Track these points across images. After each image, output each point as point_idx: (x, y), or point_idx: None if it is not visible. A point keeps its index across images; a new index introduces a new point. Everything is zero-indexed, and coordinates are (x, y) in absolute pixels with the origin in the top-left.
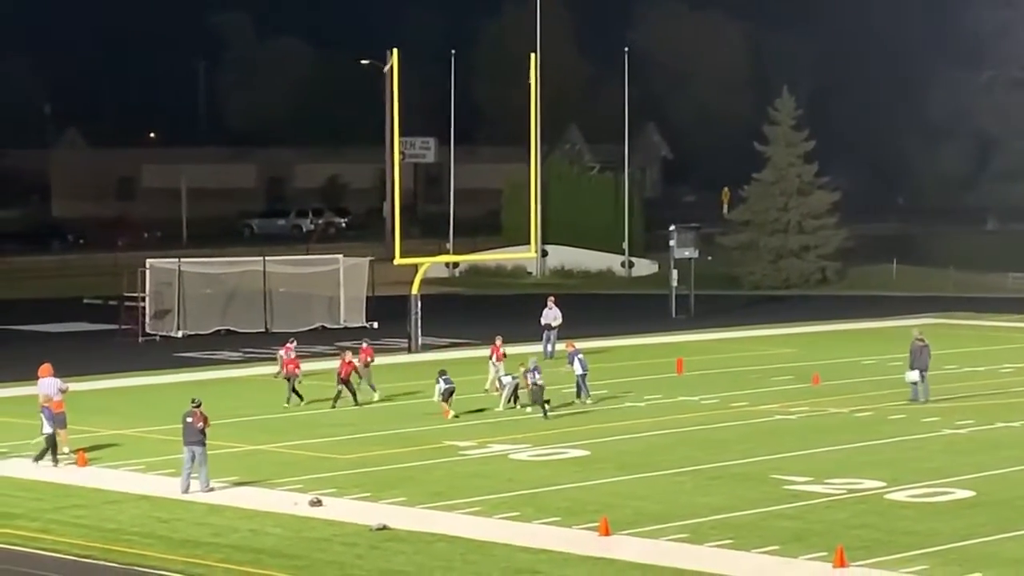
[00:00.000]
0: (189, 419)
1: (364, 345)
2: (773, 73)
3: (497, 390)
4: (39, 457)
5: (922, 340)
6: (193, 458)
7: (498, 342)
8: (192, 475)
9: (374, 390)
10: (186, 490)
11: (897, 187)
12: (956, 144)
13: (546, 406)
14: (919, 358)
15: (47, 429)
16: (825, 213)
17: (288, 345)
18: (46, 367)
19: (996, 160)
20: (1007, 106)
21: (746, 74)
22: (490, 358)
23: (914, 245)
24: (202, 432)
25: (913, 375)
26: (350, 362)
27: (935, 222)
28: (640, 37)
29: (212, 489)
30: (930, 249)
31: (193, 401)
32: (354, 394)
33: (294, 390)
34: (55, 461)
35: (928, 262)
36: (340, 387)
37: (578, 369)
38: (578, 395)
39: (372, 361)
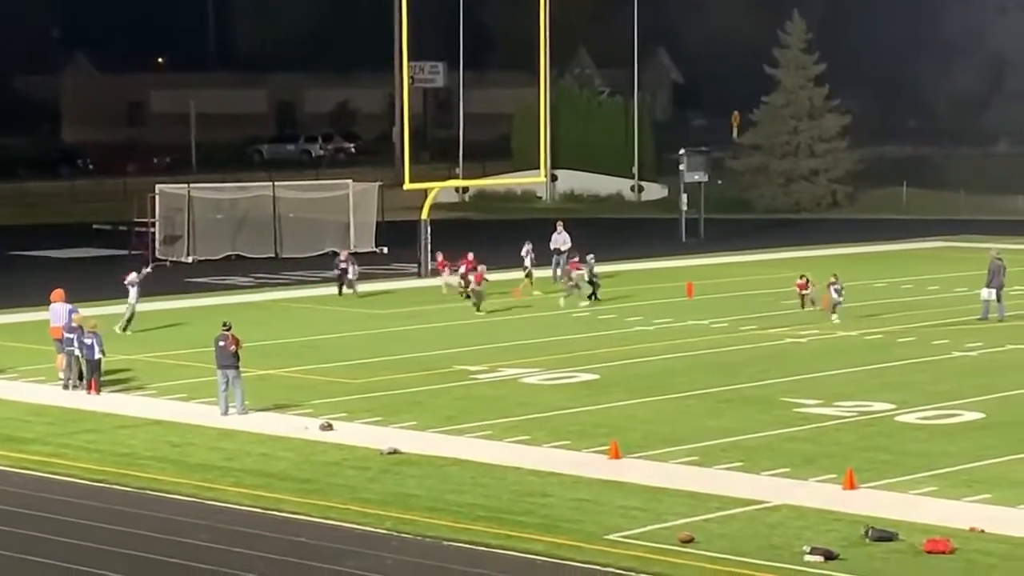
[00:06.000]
0: (221, 343)
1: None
2: None
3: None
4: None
5: (1000, 259)
6: (227, 381)
7: (439, 257)
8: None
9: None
10: (225, 412)
11: (908, 109)
12: (968, 66)
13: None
14: (996, 276)
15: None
16: (835, 136)
17: (469, 259)
18: (58, 292)
19: (1009, 82)
20: (1021, 27)
21: None
22: (455, 270)
23: (925, 168)
24: (235, 355)
25: (987, 292)
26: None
27: (946, 145)
28: None
29: (248, 412)
30: (941, 172)
31: (224, 324)
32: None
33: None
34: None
35: (939, 185)
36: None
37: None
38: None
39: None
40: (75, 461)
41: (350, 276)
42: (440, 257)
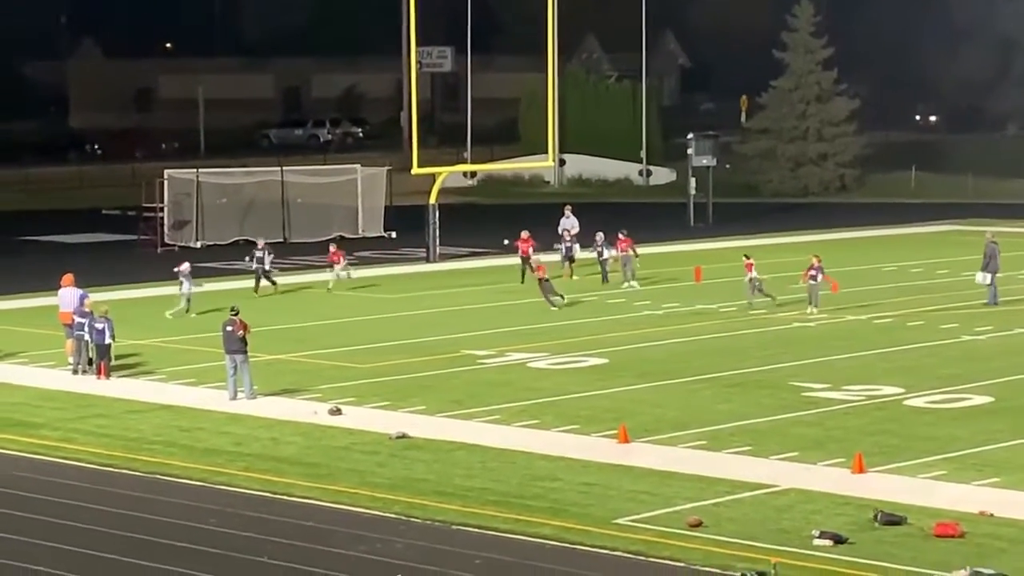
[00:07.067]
0: (229, 328)
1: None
2: None
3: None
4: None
5: (995, 242)
6: (235, 366)
7: (332, 248)
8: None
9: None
10: (233, 397)
11: (917, 93)
12: (977, 50)
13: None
14: (992, 260)
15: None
16: (844, 120)
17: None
18: (68, 277)
19: (1018, 66)
20: None
21: None
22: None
23: (933, 152)
24: (243, 340)
25: (982, 276)
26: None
27: (955, 129)
28: None
29: (256, 396)
30: (949, 156)
31: (232, 309)
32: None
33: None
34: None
35: (947, 169)
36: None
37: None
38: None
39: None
40: (84, 446)
41: (265, 267)
42: (333, 248)
